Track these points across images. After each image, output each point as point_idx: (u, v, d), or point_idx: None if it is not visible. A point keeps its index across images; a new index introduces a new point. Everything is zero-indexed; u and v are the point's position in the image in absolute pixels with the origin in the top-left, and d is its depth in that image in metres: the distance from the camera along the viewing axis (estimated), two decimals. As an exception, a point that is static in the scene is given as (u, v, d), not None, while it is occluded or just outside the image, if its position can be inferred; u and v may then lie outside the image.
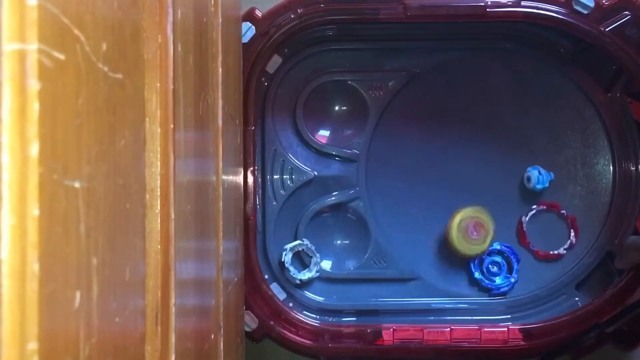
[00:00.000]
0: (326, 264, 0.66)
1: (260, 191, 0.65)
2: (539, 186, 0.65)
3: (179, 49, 0.32)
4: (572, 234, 0.66)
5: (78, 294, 0.19)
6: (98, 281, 0.21)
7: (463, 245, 0.64)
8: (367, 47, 0.66)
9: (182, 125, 0.32)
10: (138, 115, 0.27)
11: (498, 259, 0.66)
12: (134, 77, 0.26)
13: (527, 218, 0.66)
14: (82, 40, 0.20)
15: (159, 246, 0.28)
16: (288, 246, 0.64)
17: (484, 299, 0.66)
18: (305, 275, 0.64)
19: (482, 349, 0.62)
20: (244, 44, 0.60)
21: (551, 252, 0.66)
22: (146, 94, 0.28)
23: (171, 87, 0.30)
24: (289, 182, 0.65)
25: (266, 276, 0.64)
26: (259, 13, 0.61)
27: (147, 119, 0.28)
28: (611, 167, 0.66)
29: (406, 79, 0.66)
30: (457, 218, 0.63)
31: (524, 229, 0.66)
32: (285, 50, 0.64)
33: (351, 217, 0.67)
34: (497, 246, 0.66)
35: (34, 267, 0.17)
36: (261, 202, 0.65)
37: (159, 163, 0.29)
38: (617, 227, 0.65)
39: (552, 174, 0.65)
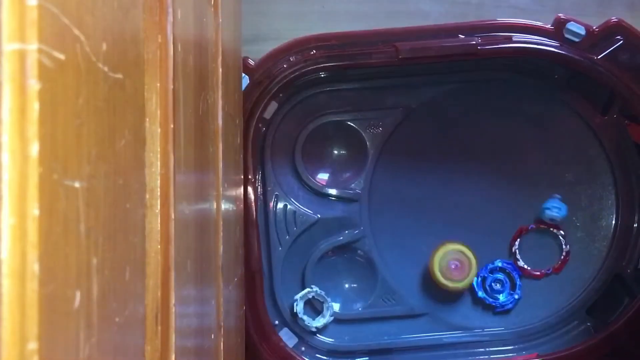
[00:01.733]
0: (335, 306, 0.66)
1: (264, 238, 0.65)
2: (564, 214, 0.65)
3: (179, 49, 0.32)
4: (560, 262, 0.66)
5: (78, 294, 0.19)
6: (98, 281, 0.21)
7: (446, 281, 0.64)
8: (362, 86, 0.66)
9: (182, 125, 0.32)
10: (138, 115, 0.27)
11: (500, 276, 0.66)
12: (134, 77, 0.26)
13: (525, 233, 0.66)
14: (82, 40, 0.20)
15: (159, 246, 0.28)
16: (298, 296, 0.64)
17: (495, 330, 0.65)
18: (320, 321, 0.64)
19: None
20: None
21: (535, 272, 0.66)
22: (146, 94, 0.28)
23: (171, 87, 0.30)
24: (292, 226, 0.65)
25: (276, 322, 0.64)
26: (251, 62, 0.62)
27: (147, 119, 0.28)
28: (613, 190, 0.66)
29: (403, 115, 0.66)
30: (438, 255, 0.64)
31: (514, 248, 0.66)
32: (280, 94, 0.64)
33: (357, 257, 0.67)
34: (498, 264, 0.66)
35: (34, 267, 0.17)
36: (266, 249, 0.65)
37: (159, 163, 0.29)
38: (624, 249, 0.65)
39: (564, 205, 0.65)
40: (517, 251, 0.66)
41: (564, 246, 0.66)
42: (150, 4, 0.28)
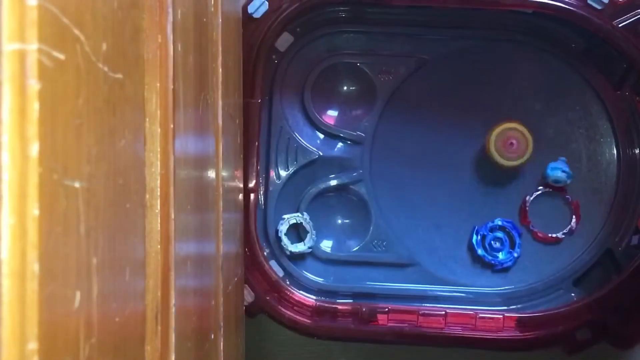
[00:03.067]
0: (326, 244, 0.66)
1: (263, 167, 0.65)
2: (570, 180, 0.65)
3: (179, 49, 0.32)
4: (574, 219, 0.66)
5: (78, 294, 0.19)
6: (98, 281, 0.21)
7: (501, 156, 0.63)
8: (379, 30, 0.66)
9: (182, 125, 0.32)
10: (138, 115, 0.27)
11: (500, 234, 0.66)
12: (134, 77, 0.26)
13: (532, 198, 0.66)
14: (82, 40, 0.20)
15: (159, 246, 0.29)
16: (286, 216, 0.64)
17: (481, 289, 0.66)
18: (297, 248, 0.64)
19: (476, 338, 0.62)
20: (255, 19, 0.61)
21: (550, 235, 0.66)
22: (146, 94, 0.28)
23: (171, 87, 0.30)
24: (293, 160, 0.65)
25: (266, 252, 0.64)
26: None
27: (147, 119, 0.28)
28: (616, 166, 0.66)
29: (416, 65, 0.66)
30: (497, 130, 0.63)
31: (527, 208, 0.66)
32: (297, 29, 0.64)
33: (353, 199, 0.67)
34: (498, 222, 0.66)
35: (34, 267, 0.17)
36: (264, 179, 0.65)
37: (159, 163, 0.29)
38: (618, 225, 0.65)
39: (570, 172, 0.65)
40: (528, 214, 0.66)
41: (571, 206, 0.66)
42: (150, 4, 0.28)
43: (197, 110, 0.37)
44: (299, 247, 0.64)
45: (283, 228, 0.64)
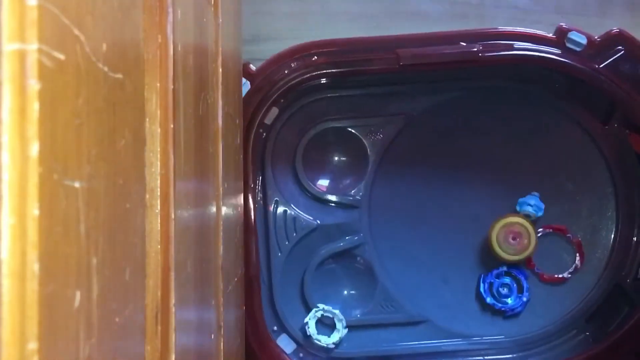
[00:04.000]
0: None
1: (264, 243, 0.65)
2: (540, 213, 0.65)
3: (179, 49, 0.32)
4: (578, 258, 0.66)
5: (78, 294, 0.19)
6: (98, 281, 0.21)
7: (503, 250, 0.64)
8: (363, 93, 0.66)
9: (182, 125, 0.32)
10: (138, 115, 0.27)
11: (507, 280, 0.66)
12: (134, 77, 0.26)
13: None
14: (82, 40, 0.20)
15: (159, 246, 0.28)
16: (307, 318, 0.64)
17: (495, 338, 0.65)
18: (336, 336, 0.64)
19: None
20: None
21: (556, 276, 0.66)
22: (146, 94, 0.28)
23: (171, 87, 0.30)
24: (292, 232, 0.65)
25: (275, 328, 0.64)
26: (252, 68, 0.62)
27: (147, 119, 0.28)
28: (614, 199, 0.66)
29: (404, 122, 0.66)
30: (500, 224, 0.64)
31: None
32: (282, 100, 0.64)
33: (357, 264, 0.67)
34: (504, 268, 0.66)
35: (34, 267, 0.17)
36: (266, 254, 0.65)
37: (159, 163, 0.29)
38: (624, 259, 0.65)
39: (542, 204, 0.65)
40: (532, 257, 0.66)
41: (573, 245, 0.66)
42: (150, 4, 0.28)
43: (197, 110, 0.37)
44: (337, 335, 0.64)
45: (313, 331, 0.64)
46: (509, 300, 0.65)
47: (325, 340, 0.64)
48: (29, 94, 0.17)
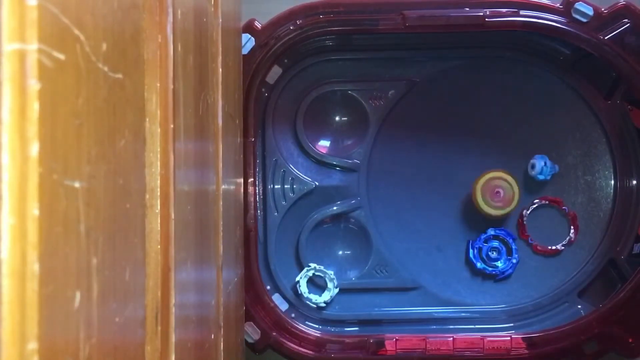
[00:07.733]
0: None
1: (261, 202, 0.65)
2: (540, 176, 0.65)
3: (179, 49, 0.32)
4: (572, 231, 0.66)
5: (78, 294, 0.19)
6: (98, 281, 0.21)
7: (488, 207, 0.64)
8: (367, 56, 0.66)
9: (182, 125, 0.32)
10: (138, 115, 0.27)
11: (495, 243, 0.66)
12: (134, 77, 0.26)
13: (529, 211, 0.66)
14: (82, 40, 0.20)
15: (159, 246, 0.28)
16: (299, 277, 0.64)
17: (486, 307, 0.66)
18: (327, 295, 0.64)
19: (485, 359, 0.62)
20: (243, 55, 0.60)
21: (549, 247, 0.66)
22: (146, 94, 0.28)
23: (171, 87, 0.30)
24: (290, 192, 0.65)
25: (268, 287, 0.64)
26: (258, 24, 0.61)
27: (147, 119, 0.28)
28: (612, 175, 0.66)
29: (406, 88, 0.66)
30: (482, 180, 0.63)
31: (525, 222, 0.66)
32: (285, 60, 0.64)
33: (353, 227, 0.67)
34: (491, 232, 0.66)
35: (34, 267, 0.17)
36: (262, 213, 0.65)
37: (159, 163, 0.29)
38: (619, 234, 0.65)
39: (557, 166, 0.65)
40: (527, 228, 0.66)
41: (569, 217, 0.66)
42: (150, 4, 0.28)
43: (197, 110, 0.37)
44: (328, 295, 0.64)
45: (304, 289, 0.64)
46: (499, 264, 0.66)
47: (316, 299, 0.64)
48: (29, 94, 0.17)
